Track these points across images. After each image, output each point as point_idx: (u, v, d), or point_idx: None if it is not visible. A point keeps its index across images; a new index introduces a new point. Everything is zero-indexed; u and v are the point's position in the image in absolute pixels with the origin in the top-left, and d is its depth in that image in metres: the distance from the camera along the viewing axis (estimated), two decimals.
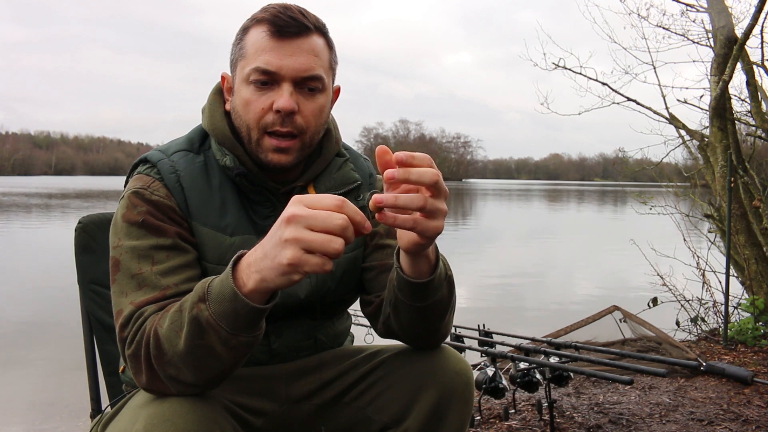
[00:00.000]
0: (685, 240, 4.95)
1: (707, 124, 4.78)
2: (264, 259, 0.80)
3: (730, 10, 4.63)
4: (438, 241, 0.97)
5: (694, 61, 6.63)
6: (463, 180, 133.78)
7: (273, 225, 0.81)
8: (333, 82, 1.15)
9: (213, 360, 0.88)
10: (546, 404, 2.36)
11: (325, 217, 0.77)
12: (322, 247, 0.77)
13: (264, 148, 1.08)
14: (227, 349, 0.87)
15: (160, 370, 0.90)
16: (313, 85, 1.08)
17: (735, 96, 5.19)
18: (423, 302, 1.01)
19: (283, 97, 1.05)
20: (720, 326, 4.18)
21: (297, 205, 0.79)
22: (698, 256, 4.81)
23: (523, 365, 2.34)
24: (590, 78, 5.64)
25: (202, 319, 0.85)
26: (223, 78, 1.16)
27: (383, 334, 1.16)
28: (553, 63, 5.70)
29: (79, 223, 1.38)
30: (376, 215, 0.84)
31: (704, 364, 3.11)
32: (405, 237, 0.92)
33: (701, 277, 4.69)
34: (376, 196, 0.83)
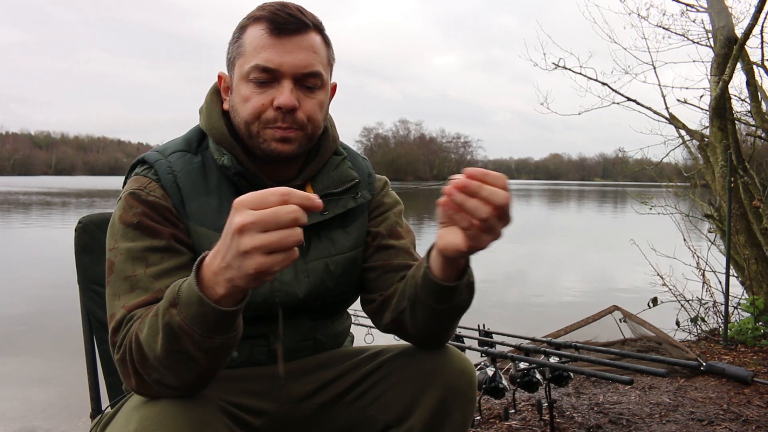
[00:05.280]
0: (685, 240, 4.95)
1: (707, 124, 4.79)
2: (228, 269, 0.78)
3: (730, 10, 4.63)
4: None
5: (694, 61, 6.63)
6: None
7: (225, 227, 0.78)
8: (330, 79, 1.16)
9: (191, 364, 0.86)
10: (546, 404, 2.36)
11: (276, 215, 0.74)
12: (282, 244, 0.75)
13: (266, 137, 1.08)
14: (203, 353, 0.85)
15: (145, 375, 0.90)
16: (312, 81, 1.08)
17: (735, 96, 5.20)
18: (445, 305, 1.02)
19: (284, 94, 1.05)
20: (720, 326, 4.18)
21: (242, 211, 0.75)
22: (698, 256, 4.81)
23: (523, 365, 2.34)
24: (590, 78, 5.65)
25: (174, 324, 0.83)
26: (220, 78, 1.17)
27: (390, 330, 1.16)
28: (553, 63, 5.71)
29: (79, 223, 1.38)
30: (443, 199, 0.84)
31: (704, 364, 3.11)
32: (451, 243, 0.90)
33: (701, 277, 4.69)
34: (459, 182, 0.82)
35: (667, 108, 5.38)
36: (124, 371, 0.93)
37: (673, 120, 5.34)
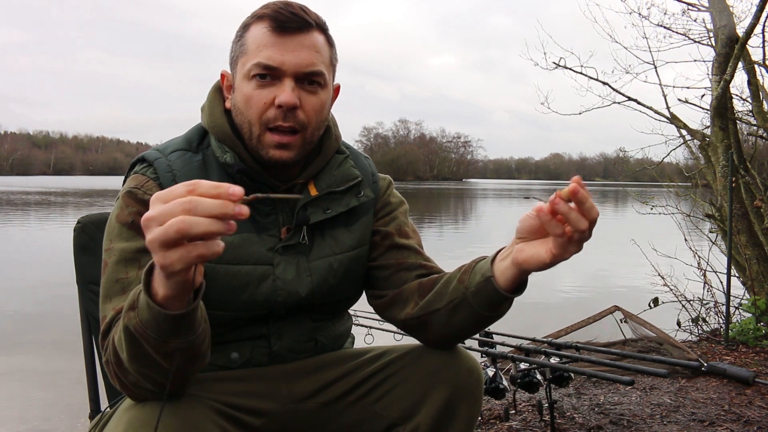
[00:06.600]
0: (686, 240, 4.94)
1: (708, 124, 4.78)
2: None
3: (731, 9, 4.62)
4: (439, 238, 0.97)
5: (695, 61, 6.65)
6: (464, 180, 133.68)
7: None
8: (333, 80, 1.15)
9: (155, 367, 0.85)
10: (546, 405, 2.35)
11: (171, 208, 0.69)
12: (167, 238, 0.68)
13: (265, 144, 1.08)
14: (162, 357, 0.83)
15: (123, 378, 0.89)
16: (314, 80, 1.08)
17: (736, 95, 5.19)
18: (494, 312, 1.04)
19: (285, 92, 1.05)
20: (721, 326, 4.17)
21: (152, 203, 0.71)
22: (699, 256, 4.80)
23: (523, 366, 2.33)
24: (591, 77, 5.64)
25: (131, 327, 0.81)
26: (222, 76, 1.16)
27: (409, 325, 1.15)
28: (554, 62, 5.70)
29: (78, 222, 1.38)
30: (550, 199, 0.85)
31: (705, 364, 3.10)
32: (534, 256, 0.93)
33: (702, 277, 4.68)
34: (574, 187, 0.85)
35: (668, 107, 5.38)
36: (109, 374, 0.93)
37: (674, 119, 5.33)
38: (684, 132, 5.39)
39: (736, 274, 4.56)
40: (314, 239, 1.15)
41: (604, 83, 5.63)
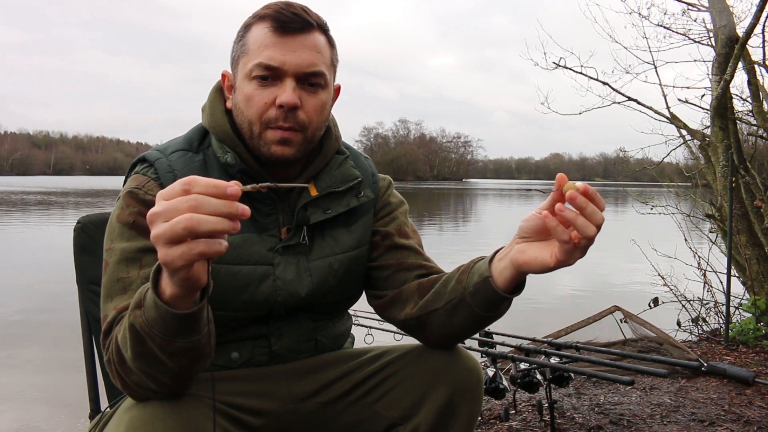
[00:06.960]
0: (686, 240, 4.94)
1: (708, 124, 4.78)
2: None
3: (731, 9, 4.62)
4: (439, 237, 0.97)
5: (695, 61, 6.66)
6: (464, 180, 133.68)
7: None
8: (334, 80, 1.16)
9: (160, 366, 0.85)
10: (546, 405, 2.35)
11: (176, 205, 0.70)
12: (172, 235, 0.70)
13: (267, 140, 1.08)
14: (168, 356, 0.83)
15: (126, 377, 0.90)
16: (315, 81, 1.08)
17: (736, 95, 5.19)
18: (492, 312, 1.03)
19: (287, 92, 1.05)
20: (721, 327, 4.17)
21: (158, 200, 0.73)
22: (699, 256, 4.80)
23: (523, 366, 2.33)
24: (591, 77, 5.64)
25: (137, 325, 0.81)
26: (223, 76, 1.16)
27: (408, 325, 1.15)
28: (554, 63, 5.70)
29: (78, 222, 1.38)
30: (557, 207, 0.84)
31: (705, 364, 3.10)
32: (537, 258, 0.92)
33: (702, 277, 4.68)
34: (572, 194, 0.83)
35: (668, 107, 5.38)
36: (111, 373, 0.93)
37: (674, 119, 5.33)
38: (684, 132, 5.39)
39: (736, 274, 4.56)
40: (314, 239, 1.15)
41: (604, 83, 5.64)
